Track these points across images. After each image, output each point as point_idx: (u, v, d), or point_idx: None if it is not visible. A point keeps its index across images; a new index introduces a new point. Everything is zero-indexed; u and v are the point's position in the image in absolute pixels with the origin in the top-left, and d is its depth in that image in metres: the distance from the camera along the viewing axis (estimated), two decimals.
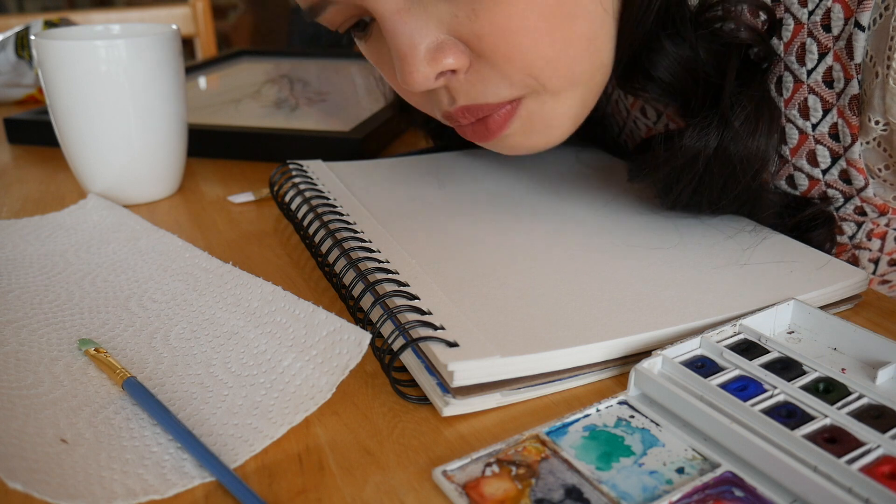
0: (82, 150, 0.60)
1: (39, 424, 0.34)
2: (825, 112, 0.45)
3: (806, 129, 0.46)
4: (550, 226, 0.50)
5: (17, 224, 0.55)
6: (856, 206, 0.48)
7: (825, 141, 0.46)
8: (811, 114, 0.45)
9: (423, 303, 0.39)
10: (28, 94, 0.94)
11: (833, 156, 0.46)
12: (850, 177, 0.46)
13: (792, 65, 0.45)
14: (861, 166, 0.45)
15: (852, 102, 0.43)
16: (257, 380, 0.37)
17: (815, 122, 0.45)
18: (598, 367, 0.37)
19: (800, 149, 0.47)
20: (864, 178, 0.46)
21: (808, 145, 0.46)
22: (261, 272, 0.45)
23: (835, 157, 0.46)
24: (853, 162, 0.45)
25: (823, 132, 0.45)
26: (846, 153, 0.45)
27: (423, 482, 0.31)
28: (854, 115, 0.44)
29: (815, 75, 0.44)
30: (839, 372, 0.35)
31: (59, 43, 0.57)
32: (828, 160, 0.46)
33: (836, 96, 0.44)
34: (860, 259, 0.52)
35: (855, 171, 0.45)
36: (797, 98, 0.46)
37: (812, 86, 0.45)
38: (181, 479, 0.31)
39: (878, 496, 0.27)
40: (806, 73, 0.45)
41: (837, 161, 0.46)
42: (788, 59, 0.45)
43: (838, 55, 0.43)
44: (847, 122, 0.44)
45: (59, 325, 0.42)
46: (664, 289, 0.41)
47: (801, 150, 0.47)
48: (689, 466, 0.31)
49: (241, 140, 0.73)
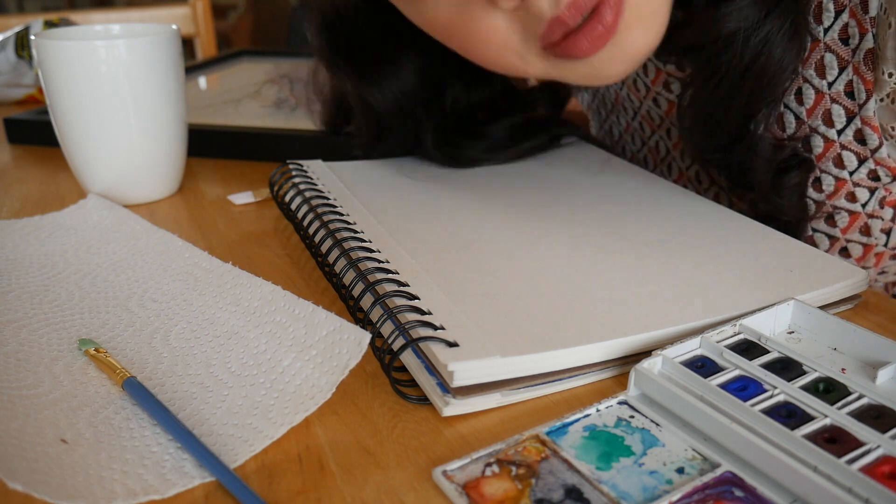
0: (82, 150, 0.60)
1: (39, 424, 0.34)
2: (841, 70, 0.45)
3: (822, 88, 0.46)
4: (550, 226, 0.50)
5: (17, 224, 0.55)
6: (869, 169, 0.48)
7: (841, 99, 0.46)
8: (827, 72, 0.46)
9: (423, 303, 0.39)
10: (28, 94, 0.94)
11: (848, 115, 0.46)
12: (864, 136, 0.46)
13: (809, 23, 0.45)
14: (875, 124, 0.45)
15: (867, 57, 0.44)
16: (257, 380, 0.37)
17: (830, 81, 0.46)
18: (598, 367, 0.37)
19: (815, 109, 0.47)
20: (878, 138, 0.46)
21: (823, 104, 0.47)
22: (261, 272, 0.45)
23: (850, 117, 0.46)
24: (868, 120, 0.45)
25: (839, 90, 0.46)
26: (861, 111, 0.46)
27: (423, 482, 0.31)
28: (869, 70, 0.44)
29: (832, 33, 0.45)
30: (839, 372, 0.35)
31: (59, 43, 0.57)
32: (843, 120, 0.47)
33: (851, 53, 0.45)
34: (872, 229, 0.52)
35: (869, 129, 0.46)
36: (814, 57, 0.46)
37: (828, 43, 0.45)
38: (181, 479, 0.31)
39: (878, 496, 0.27)
40: (823, 31, 0.45)
41: (853, 120, 0.46)
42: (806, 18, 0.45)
43: (854, 11, 0.44)
44: (862, 77, 0.45)
45: (59, 325, 0.42)
46: (664, 289, 0.41)
47: (816, 110, 0.47)
48: (689, 466, 0.31)
49: (241, 140, 0.73)
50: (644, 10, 0.41)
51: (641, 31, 0.42)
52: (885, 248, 0.53)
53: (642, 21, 0.41)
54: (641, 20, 0.41)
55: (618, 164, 0.60)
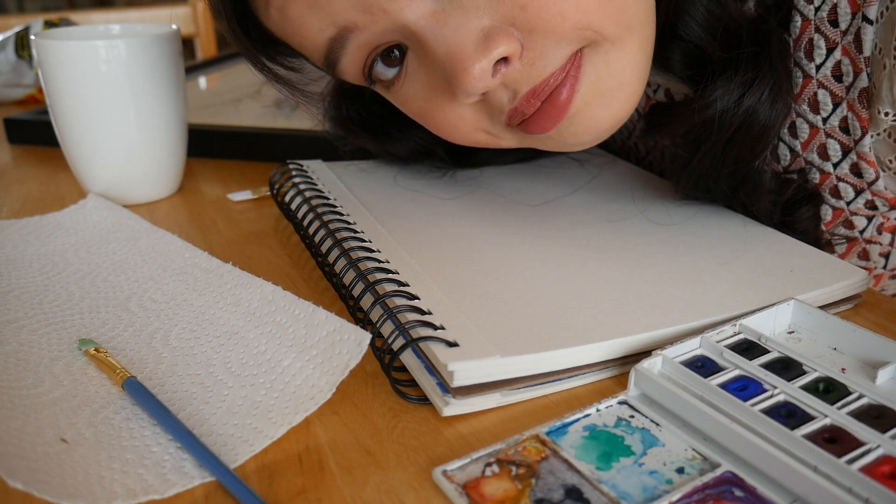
0: (82, 150, 0.60)
1: (39, 424, 0.34)
2: (835, 106, 0.45)
3: (816, 123, 0.46)
4: (550, 226, 0.50)
5: (17, 224, 0.55)
6: (866, 199, 0.48)
7: (836, 134, 0.46)
8: (821, 108, 0.46)
9: (423, 303, 0.39)
10: (28, 94, 0.94)
11: (844, 149, 0.46)
12: (860, 170, 0.46)
13: (801, 60, 0.46)
14: (871, 159, 0.45)
15: (861, 95, 0.44)
16: (257, 380, 0.37)
17: (825, 116, 0.46)
18: (598, 367, 0.37)
19: (811, 143, 0.47)
20: (874, 171, 0.46)
21: (818, 139, 0.47)
22: (261, 272, 0.45)
23: (845, 151, 0.46)
24: (864, 155, 0.45)
25: (834, 125, 0.46)
26: (856, 146, 0.46)
27: (423, 482, 0.31)
28: (863, 107, 0.44)
29: (824, 70, 0.45)
30: (839, 372, 0.35)
31: (59, 43, 0.57)
32: (839, 154, 0.47)
33: (845, 90, 0.45)
34: (871, 253, 0.52)
35: (865, 164, 0.46)
36: (807, 93, 0.46)
37: (821, 80, 0.45)
38: (181, 479, 0.31)
39: (878, 496, 0.27)
40: (815, 68, 0.45)
41: (848, 154, 0.46)
42: (797, 54, 0.46)
43: (847, 49, 0.44)
44: (857, 115, 0.44)
45: (59, 325, 0.42)
46: (664, 289, 0.41)
47: (811, 143, 0.47)
48: (689, 466, 0.31)
49: (241, 140, 0.73)
50: (605, 85, 0.42)
51: (603, 107, 0.42)
52: (885, 270, 0.54)
53: (603, 97, 0.42)
54: (602, 96, 0.42)
55: (619, 165, 0.60)
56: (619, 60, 0.41)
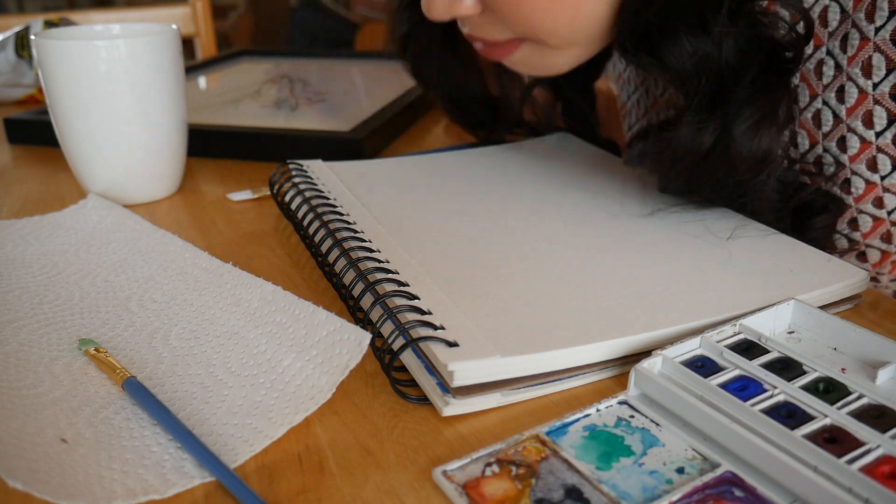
0: (82, 150, 0.60)
1: (39, 424, 0.34)
2: (889, 71, 0.45)
3: (867, 89, 0.46)
4: (551, 226, 0.50)
5: (17, 224, 0.55)
6: None
7: (884, 101, 0.46)
8: (874, 72, 0.45)
9: (423, 303, 0.39)
10: (28, 94, 0.94)
11: (890, 117, 0.46)
12: None
13: (860, 22, 0.45)
14: None
15: None
16: (257, 380, 0.37)
17: (876, 82, 0.46)
18: (598, 367, 0.37)
19: (856, 109, 0.47)
20: None
21: (866, 104, 0.46)
22: (261, 272, 0.45)
23: (891, 119, 0.46)
24: None
25: (884, 92, 0.45)
26: None
27: (423, 482, 0.31)
28: None
29: (884, 32, 0.44)
30: (839, 372, 0.35)
31: (59, 43, 0.57)
32: (884, 122, 0.46)
33: None
34: (893, 236, 0.51)
35: None
36: (861, 56, 0.46)
37: (878, 43, 0.45)
38: (181, 479, 0.31)
39: (878, 496, 0.27)
40: (874, 31, 0.45)
41: (894, 123, 0.46)
42: (857, 16, 0.45)
43: None
44: None
45: (59, 325, 0.42)
46: (664, 289, 0.41)
47: (857, 110, 0.47)
48: (689, 466, 0.31)
49: (241, 140, 0.73)
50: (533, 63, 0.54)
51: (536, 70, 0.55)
52: None
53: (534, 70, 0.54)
54: (532, 69, 0.54)
55: (619, 165, 0.60)
56: (552, 59, 0.52)
